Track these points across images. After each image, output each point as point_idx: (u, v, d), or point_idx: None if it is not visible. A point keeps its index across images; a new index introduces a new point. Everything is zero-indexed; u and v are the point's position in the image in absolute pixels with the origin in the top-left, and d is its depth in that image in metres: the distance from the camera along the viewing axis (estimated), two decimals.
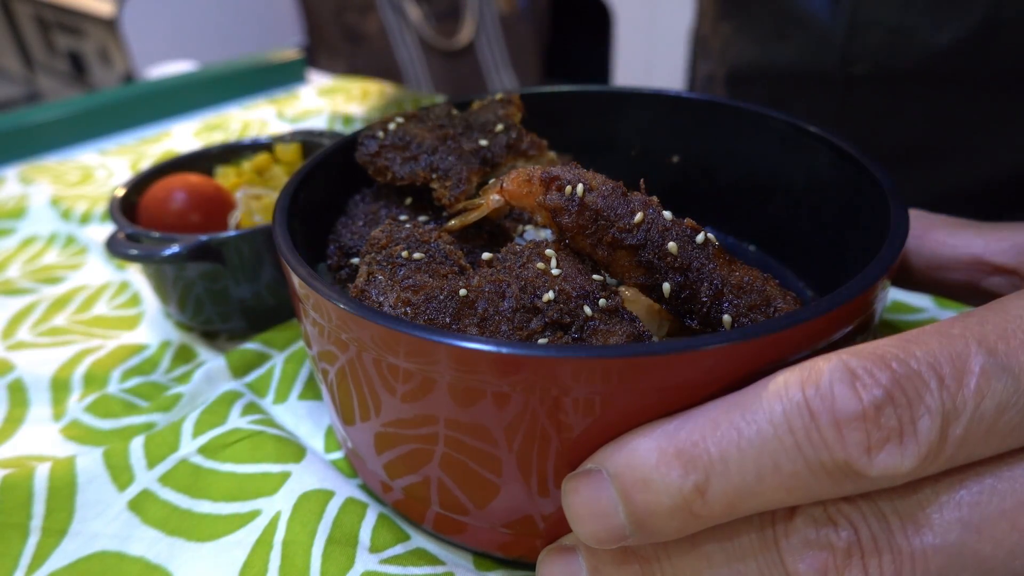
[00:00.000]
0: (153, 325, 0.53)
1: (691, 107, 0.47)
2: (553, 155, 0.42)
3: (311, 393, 0.44)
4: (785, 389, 0.22)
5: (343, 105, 0.98)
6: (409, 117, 0.42)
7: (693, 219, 0.30)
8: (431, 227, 0.35)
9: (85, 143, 0.92)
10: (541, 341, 0.27)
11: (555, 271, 0.29)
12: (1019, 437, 0.22)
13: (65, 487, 0.37)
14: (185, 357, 0.50)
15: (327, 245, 0.40)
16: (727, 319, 0.29)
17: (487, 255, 0.32)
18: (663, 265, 0.29)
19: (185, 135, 0.91)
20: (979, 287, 0.34)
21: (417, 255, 0.32)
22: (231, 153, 0.59)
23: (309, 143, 0.59)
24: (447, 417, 0.27)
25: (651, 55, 1.93)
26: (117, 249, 0.46)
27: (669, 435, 0.23)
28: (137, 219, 0.51)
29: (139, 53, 2.13)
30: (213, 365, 0.45)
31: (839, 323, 0.26)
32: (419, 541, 0.34)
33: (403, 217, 0.39)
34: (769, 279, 0.30)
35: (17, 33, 2.72)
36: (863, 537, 0.22)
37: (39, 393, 0.46)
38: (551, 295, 0.28)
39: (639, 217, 0.30)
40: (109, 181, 0.78)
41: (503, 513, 0.30)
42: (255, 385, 0.45)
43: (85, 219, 0.70)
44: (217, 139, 0.89)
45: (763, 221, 0.47)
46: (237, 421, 0.40)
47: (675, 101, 0.47)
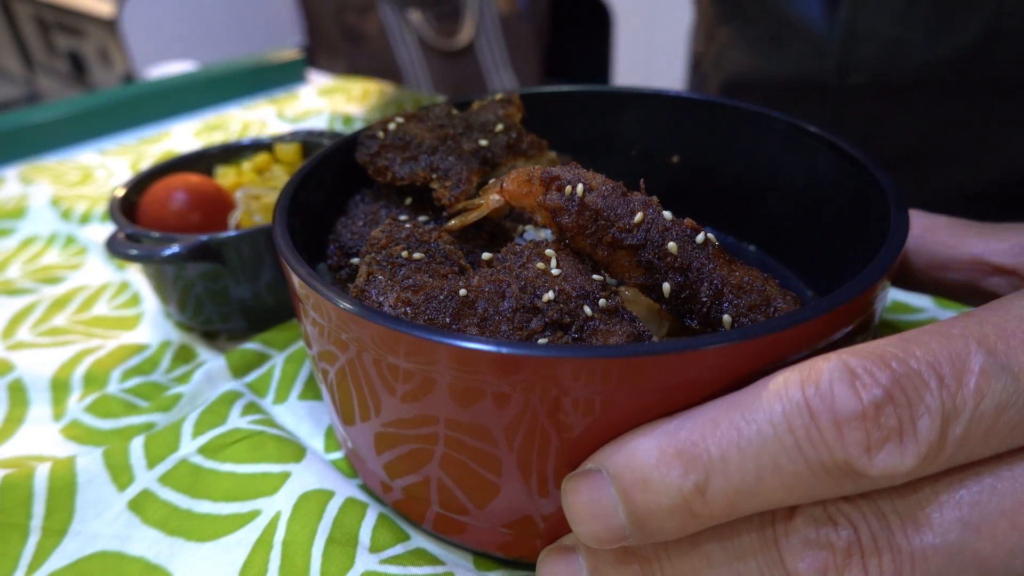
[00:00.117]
0: (153, 325, 0.53)
1: (691, 107, 0.47)
2: (553, 155, 0.42)
3: (311, 393, 0.44)
4: (785, 389, 0.22)
5: (343, 105, 0.98)
6: (409, 117, 0.42)
7: (693, 219, 0.30)
8: (431, 227, 0.35)
9: (85, 143, 0.92)
10: (541, 341, 0.27)
11: (555, 271, 0.29)
12: (1019, 437, 0.22)
13: (65, 487, 0.37)
14: (185, 357, 0.50)
15: (327, 245, 0.40)
16: (727, 319, 0.29)
17: (487, 255, 0.32)
18: (663, 265, 0.29)
19: (185, 135, 0.91)
20: (979, 287, 0.34)
21: (417, 255, 0.32)
22: (231, 153, 0.59)
23: (309, 143, 0.59)
24: (447, 417, 0.27)
25: (651, 55, 1.93)
26: (117, 249, 0.46)
27: (669, 435, 0.23)
28: (137, 219, 0.51)
29: (139, 53, 2.14)
30: (213, 365, 0.45)
31: (839, 323, 0.26)
32: (419, 541, 0.34)
33: (403, 217, 0.39)
34: (769, 279, 0.30)
35: (17, 33, 2.72)
36: (863, 537, 0.22)
37: (39, 393, 0.46)
38: (551, 295, 0.28)
39: (639, 217, 0.30)
40: (109, 181, 0.78)
41: (503, 513, 0.30)
42: (255, 385, 0.45)
43: (85, 219, 0.70)
44: (217, 139, 0.89)
45: (763, 221, 0.47)
46: (237, 421, 0.40)
47: (675, 101, 0.47)
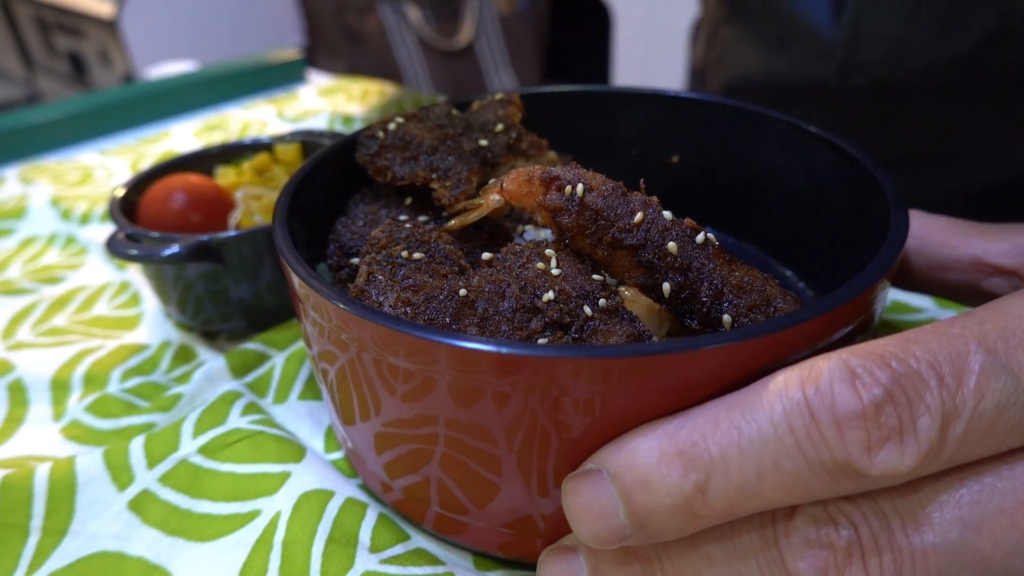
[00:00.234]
0: (153, 325, 0.53)
1: (691, 107, 0.47)
2: (553, 155, 0.42)
3: (311, 393, 0.44)
4: (785, 388, 0.22)
5: (343, 105, 0.98)
6: (409, 117, 0.42)
7: (693, 219, 0.30)
8: (431, 227, 0.35)
9: (85, 143, 0.92)
10: (541, 341, 0.27)
11: (555, 271, 0.29)
12: (1019, 436, 0.22)
13: (65, 487, 0.37)
14: (185, 357, 0.50)
15: (327, 245, 0.40)
16: (727, 319, 0.29)
17: (487, 255, 0.32)
18: (663, 265, 0.29)
19: (185, 135, 0.91)
20: (979, 288, 0.34)
21: (417, 255, 0.32)
22: (231, 153, 0.59)
23: (309, 143, 0.59)
24: (447, 417, 0.27)
25: (651, 55, 1.93)
26: (117, 249, 0.46)
27: (669, 435, 0.23)
28: (137, 219, 0.51)
29: (139, 53, 2.14)
30: (213, 365, 0.45)
31: (839, 323, 0.26)
32: (419, 541, 0.34)
33: (403, 217, 0.39)
34: (769, 279, 0.30)
35: (17, 34, 2.72)
36: (863, 536, 0.22)
37: (39, 393, 0.46)
38: (551, 295, 0.28)
39: (639, 217, 0.30)
40: (109, 181, 0.78)
41: (503, 513, 0.30)
42: (255, 385, 0.45)
43: (85, 219, 0.70)
44: (217, 139, 0.89)
45: (763, 221, 0.47)
46: (237, 421, 0.40)
47: (675, 101, 0.47)
